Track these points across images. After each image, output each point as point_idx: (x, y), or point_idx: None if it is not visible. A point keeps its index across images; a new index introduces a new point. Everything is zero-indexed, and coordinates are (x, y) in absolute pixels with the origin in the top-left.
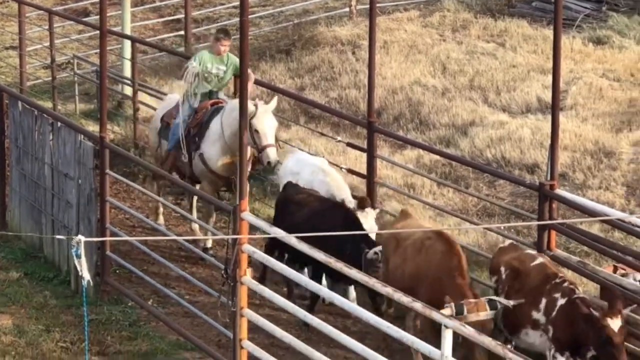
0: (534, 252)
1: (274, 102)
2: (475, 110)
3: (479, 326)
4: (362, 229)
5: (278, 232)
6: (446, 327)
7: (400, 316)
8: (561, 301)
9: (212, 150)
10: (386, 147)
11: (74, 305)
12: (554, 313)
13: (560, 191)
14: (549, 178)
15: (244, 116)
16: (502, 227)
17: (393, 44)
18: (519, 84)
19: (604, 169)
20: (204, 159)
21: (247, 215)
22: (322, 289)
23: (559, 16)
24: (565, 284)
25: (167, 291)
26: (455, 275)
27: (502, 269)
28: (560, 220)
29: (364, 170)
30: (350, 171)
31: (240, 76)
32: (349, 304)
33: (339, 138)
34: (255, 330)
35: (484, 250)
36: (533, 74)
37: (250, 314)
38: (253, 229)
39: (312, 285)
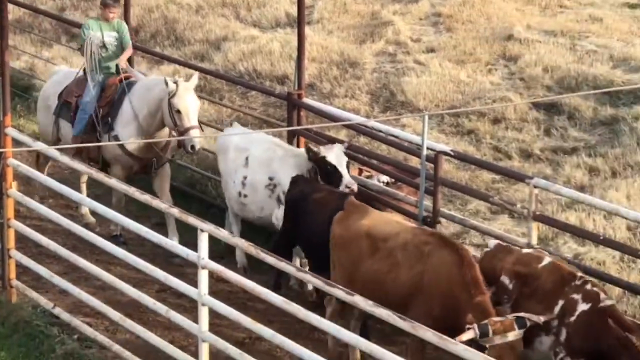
0: (531, 250)
1: (194, 79)
2: (227, 26)
3: (508, 349)
4: None
5: (41, 146)
6: None
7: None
8: (583, 306)
9: (126, 131)
10: (144, 63)
11: None
12: (573, 318)
13: (308, 100)
14: (296, 88)
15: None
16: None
17: None
18: (268, 1)
19: (349, 79)
20: (119, 139)
21: (11, 131)
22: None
23: None
24: (589, 286)
25: None
26: (473, 292)
27: (506, 279)
28: (307, 126)
29: None
30: None
31: None
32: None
33: None
34: (23, 240)
35: None
36: None
37: (17, 224)
38: (19, 144)
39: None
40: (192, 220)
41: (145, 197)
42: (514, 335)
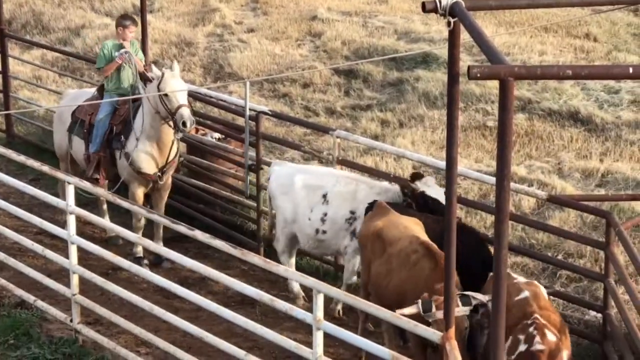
0: (524, 281)
1: (176, 66)
2: (85, 16)
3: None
4: (487, 247)
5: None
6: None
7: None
8: (522, 347)
9: (136, 148)
10: (17, 49)
11: None
12: (513, 357)
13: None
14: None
15: None
16: None
17: None
18: None
19: (186, 56)
20: (129, 159)
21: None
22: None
23: None
24: (532, 328)
25: None
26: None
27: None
28: (146, 94)
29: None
30: None
31: None
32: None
33: None
34: None
35: None
36: None
37: None
38: None
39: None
40: (61, 175)
41: (20, 158)
42: (457, 311)
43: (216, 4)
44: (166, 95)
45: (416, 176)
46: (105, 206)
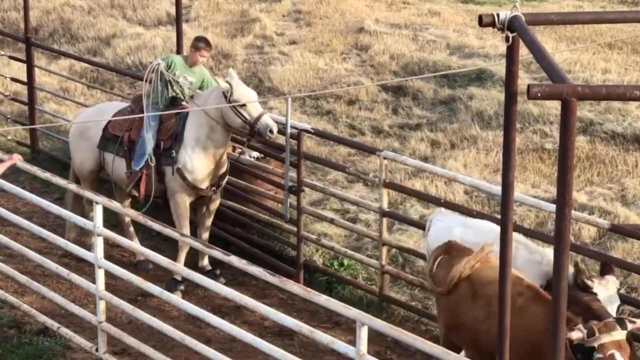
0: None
1: (233, 73)
2: (116, 25)
3: (616, 348)
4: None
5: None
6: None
7: None
8: None
9: (191, 161)
10: (44, 59)
11: None
12: None
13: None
14: None
15: None
16: None
17: None
18: (151, 2)
19: (223, 68)
20: (183, 173)
21: None
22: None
23: None
24: None
25: None
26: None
27: None
28: (184, 109)
29: (25, 79)
30: (14, 79)
31: None
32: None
33: (2, 52)
34: None
35: None
36: None
37: None
38: None
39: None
40: (88, 194)
41: (45, 175)
42: (619, 334)
43: (256, 13)
44: (243, 105)
45: (603, 269)
46: (132, 228)
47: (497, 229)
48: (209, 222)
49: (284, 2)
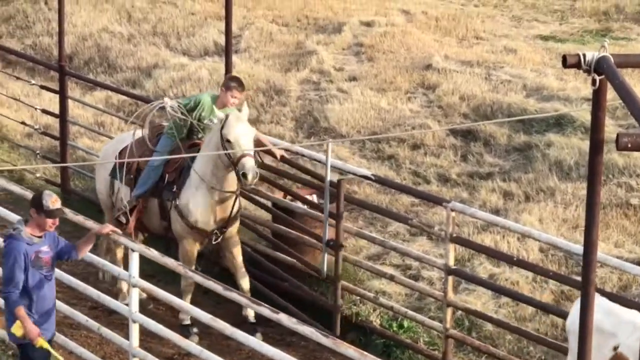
0: None
1: (245, 108)
2: (158, 54)
3: None
4: None
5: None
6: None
7: None
8: None
9: (193, 201)
10: (78, 89)
11: None
12: None
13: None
14: None
15: None
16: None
17: None
18: (197, 30)
19: (275, 105)
20: (182, 211)
21: None
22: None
23: None
24: None
25: None
26: None
27: None
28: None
29: (57, 111)
30: (45, 111)
31: None
32: None
33: (33, 81)
34: None
35: None
36: (210, 20)
37: None
38: None
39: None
40: (123, 240)
41: (78, 218)
42: None
43: (313, 45)
44: (229, 141)
45: None
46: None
47: (637, 320)
48: (239, 264)
49: (344, 33)
